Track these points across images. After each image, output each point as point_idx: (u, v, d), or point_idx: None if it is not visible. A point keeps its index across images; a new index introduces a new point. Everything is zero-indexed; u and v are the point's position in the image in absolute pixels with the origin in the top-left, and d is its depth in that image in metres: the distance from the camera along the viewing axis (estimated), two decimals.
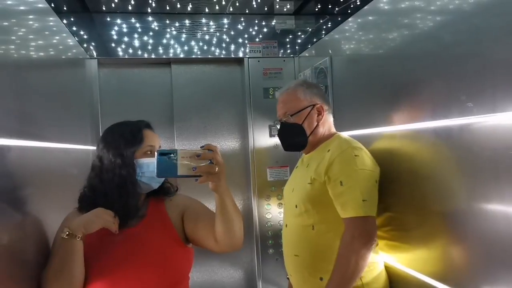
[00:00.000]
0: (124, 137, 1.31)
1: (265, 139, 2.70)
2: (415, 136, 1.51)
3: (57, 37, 1.85)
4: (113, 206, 1.26)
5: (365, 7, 1.86)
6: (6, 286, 1.03)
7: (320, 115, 1.74)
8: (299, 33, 2.79)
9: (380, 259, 1.65)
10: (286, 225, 1.76)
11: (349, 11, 2.10)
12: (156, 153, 1.12)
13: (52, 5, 1.74)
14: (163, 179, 1.34)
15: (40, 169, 1.40)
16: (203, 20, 2.67)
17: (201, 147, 1.14)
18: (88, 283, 1.22)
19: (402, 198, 1.59)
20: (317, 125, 1.73)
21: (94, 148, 1.38)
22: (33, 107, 1.41)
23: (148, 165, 1.29)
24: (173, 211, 1.39)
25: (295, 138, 1.75)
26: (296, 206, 1.69)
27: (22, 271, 1.14)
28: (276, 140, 2.70)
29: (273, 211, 2.67)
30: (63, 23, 2.25)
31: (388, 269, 1.67)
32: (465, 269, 1.29)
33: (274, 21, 2.75)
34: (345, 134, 1.78)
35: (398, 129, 1.60)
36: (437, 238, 1.40)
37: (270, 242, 2.65)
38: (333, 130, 1.80)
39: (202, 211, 1.40)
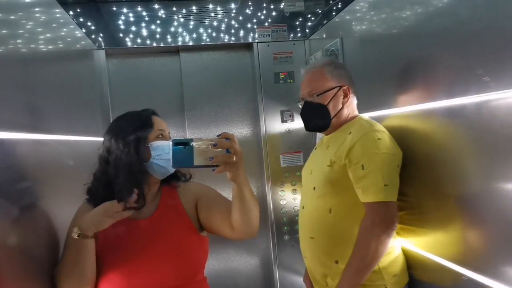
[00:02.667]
0: (134, 124, 1.29)
1: (277, 124, 2.67)
2: (430, 116, 1.47)
3: (64, 29, 1.84)
4: (124, 194, 1.22)
5: None
6: (18, 281, 1.03)
7: (346, 97, 1.70)
8: (309, 15, 2.73)
9: (397, 243, 1.62)
10: (303, 207, 1.74)
11: None
12: (170, 143, 1.08)
13: None
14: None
15: (52, 162, 1.40)
16: (210, 6, 2.62)
17: (217, 136, 1.10)
18: (103, 274, 1.22)
19: (418, 181, 1.55)
20: (342, 107, 1.69)
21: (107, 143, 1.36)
22: (43, 100, 1.40)
23: (163, 148, 1.27)
24: (187, 199, 1.38)
25: (318, 119, 1.70)
26: (314, 189, 1.66)
27: (33, 266, 1.14)
28: (288, 126, 2.66)
29: (287, 197, 2.65)
30: (70, 14, 2.24)
31: (405, 253, 1.64)
32: (484, 252, 1.25)
33: (283, 4, 2.70)
34: (367, 116, 1.74)
35: (413, 109, 1.56)
36: (455, 221, 1.37)
37: (285, 228, 2.64)
38: (356, 112, 1.76)
39: (217, 198, 1.38)
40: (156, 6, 2.55)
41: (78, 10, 2.42)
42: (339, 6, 2.60)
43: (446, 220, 1.42)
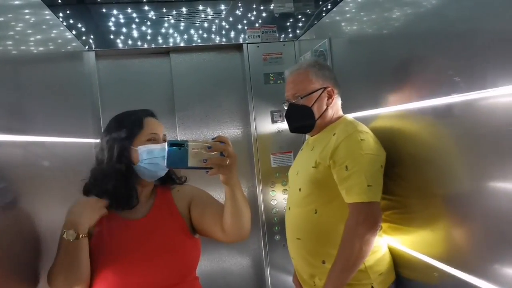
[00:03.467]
0: (123, 126, 1.30)
1: (267, 125, 2.69)
2: (416, 116, 1.48)
3: (54, 31, 1.83)
4: (114, 195, 1.26)
5: None
6: (3, 283, 1.03)
7: (330, 98, 1.72)
8: (299, 16, 2.75)
9: (383, 242, 1.64)
10: (289, 208, 1.75)
11: None
12: (166, 143, 1.11)
13: None
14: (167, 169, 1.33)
15: (42, 164, 1.40)
16: (201, 7, 2.63)
17: (212, 139, 1.12)
18: (98, 273, 1.22)
19: (405, 180, 1.57)
20: (326, 108, 1.71)
21: (96, 141, 1.38)
22: (32, 101, 1.40)
23: (149, 152, 1.27)
24: (181, 201, 1.38)
25: (303, 121, 1.71)
26: (299, 190, 1.68)
27: (22, 268, 1.14)
28: (279, 126, 2.68)
29: (278, 198, 2.66)
30: (59, 16, 2.23)
31: (392, 251, 1.66)
32: (469, 250, 1.27)
33: (273, 5, 2.71)
34: (351, 117, 1.76)
35: (400, 109, 1.58)
36: (441, 220, 1.39)
37: (276, 228, 2.65)
38: (340, 113, 1.77)
39: (209, 201, 1.39)
40: (146, 7, 2.56)
41: (68, 12, 2.42)
42: (329, 7, 2.63)
43: (432, 219, 1.44)
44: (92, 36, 2.48)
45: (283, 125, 2.68)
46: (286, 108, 1.79)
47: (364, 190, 1.48)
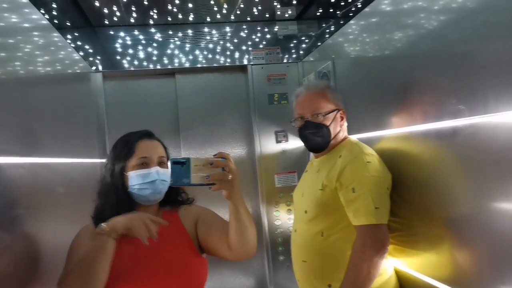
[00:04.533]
0: (117, 152, 1.33)
1: (271, 145, 2.70)
2: (420, 138, 1.49)
3: (62, 52, 1.87)
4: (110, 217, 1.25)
5: (366, 9, 1.86)
6: None
7: (343, 120, 1.74)
8: (302, 38, 2.79)
9: (389, 264, 1.63)
10: (296, 230, 1.75)
11: (350, 14, 2.10)
12: (169, 161, 1.13)
13: (55, 21, 1.76)
14: (162, 190, 1.33)
15: (48, 185, 1.41)
16: (206, 29, 2.68)
17: (214, 156, 1.14)
18: None
19: (408, 202, 1.57)
20: (339, 130, 1.73)
21: (101, 161, 1.39)
22: (39, 122, 1.42)
23: (137, 178, 1.28)
24: (188, 221, 1.39)
25: (320, 139, 1.70)
26: (305, 212, 1.67)
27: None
28: (283, 146, 2.69)
29: (282, 218, 2.65)
30: (67, 38, 2.28)
31: (398, 273, 1.65)
32: (474, 272, 1.26)
33: (277, 27, 2.76)
34: (355, 138, 1.77)
35: (404, 131, 1.59)
36: (445, 242, 1.38)
37: (280, 249, 2.63)
38: (346, 134, 1.79)
39: (215, 219, 1.39)
40: (153, 30, 2.61)
41: (76, 34, 2.47)
42: (332, 29, 2.67)
43: (436, 241, 1.43)
44: (99, 57, 2.53)
45: (288, 145, 2.69)
46: (294, 126, 1.79)
47: (372, 212, 1.48)
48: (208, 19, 2.64)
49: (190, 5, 2.43)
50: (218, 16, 2.61)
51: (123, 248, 1.26)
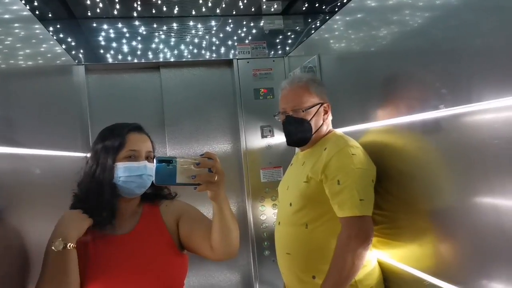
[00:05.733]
0: (106, 142, 1.30)
1: (257, 140, 2.69)
2: (404, 131, 1.51)
3: (44, 45, 1.83)
4: (96, 210, 1.24)
5: (351, 4, 1.87)
6: None
7: (326, 113, 1.74)
8: (288, 33, 2.78)
9: (372, 256, 1.65)
10: (279, 223, 1.75)
11: (336, 9, 2.10)
12: (154, 160, 1.11)
13: (37, 12, 1.72)
14: (147, 185, 1.32)
15: (29, 176, 1.38)
16: (191, 23, 2.66)
17: (200, 155, 1.12)
18: None
19: (393, 195, 1.59)
20: (322, 123, 1.73)
21: (84, 155, 1.37)
22: (21, 115, 1.39)
23: (125, 170, 1.27)
24: (169, 217, 1.37)
25: (301, 134, 1.71)
26: (290, 204, 1.68)
27: (10, 282, 1.12)
28: (268, 141, 2.69)
29: (267, 213, 2.66)
30: (49, 30, 2.23)
31: (381, 265, 1.67)
32: (457, 263, 1.29)
33: (263, 21, 2.75)
34: (340, 131, 1.78)
35: (388, 124, 1.60)
36: (428, 234, 1.41)
37: (265, 243, 2.64)
38: (330, 127, 1.79)
39: (198, 217, 1.38)
40: (137, 22, 2.57)
41: (58, 26, 2.42)
42: (317, 24, 2.67)
43: (420, 233, 1.45)
44: (82, 51, 2.48)
45: (273, 140, 2.70)
46: (278, 120, 1.79)
47: (356, 204, 1.49)
48: (194, 13, 2.61)
49: None
50: (204, 10, 2.59)
51: (100, 245, 1.26)
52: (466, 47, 1.18)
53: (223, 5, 2.54)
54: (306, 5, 2.66)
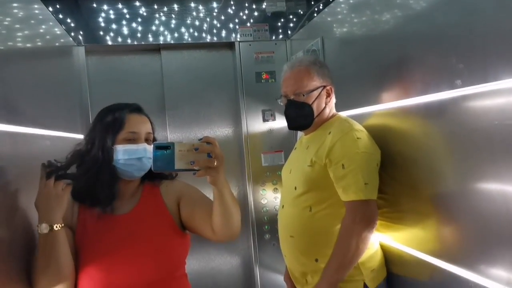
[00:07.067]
0: (105, 124, 1.28)
1: (258, 124, 2.68)
2: (408, 114, 1.50)
3: (43, 26, 1.80)
4: (96, 192, 1.23)
5: None
6: None
7: (329, 97, 1.72)
8: (291, 16, 2.75)
9: (375, 239, 1.65)
10: (283, 206, 1.75)
11: None
12: (152, 146, 1.09)
13: None
14: (147, 168, 1.30)
15: (27, 156, 1.37)
16: (192, 5, 2.62)
17: (199, 140, 1.10)
18: (82, 269, 1.20)
19: (396, 179, 1.59)
20: (325, 107, 1.71)
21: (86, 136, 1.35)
22: (20, 96, 1.37)
23: (124, 153, 1.25)
24: (169, 197, 1.37)
25: (302, 119, 1.70)
26: (295, 188, 1.67)
27: (11, 264, 1.11)
28: (270, 125, 2.68)
29: (268, 197, 2.66)
30: (49, 10, 2.20)
31: (384, 248, 1.68)
32: (460, 246, 1.29)
33: (265, 4, 2.71)
34: (344, 115, 1.77)
35: (391, 107, 1.59)
36: (431, 218, 1.41)
37: (266, 227, 2.65)
38: (334, 111, 1.78)
39: (199, 199, 1.37)
40: (137, 3, 2.54)
41: (58, 6, 2.39)
42: (320, 7, 2.64)
43: (422, 216, 1.46)
44: (81, 32, 2.45)
45: (275, 124, 2.68)
46: (281, 103, 1.78)
47: (361, 188, 1.49)
48: None
49: None
50: None
51: (99, 224, 1.25)
52: (469, 30, 1.17)
53: None
54: None
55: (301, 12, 2.72)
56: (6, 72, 1.28)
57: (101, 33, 2.49)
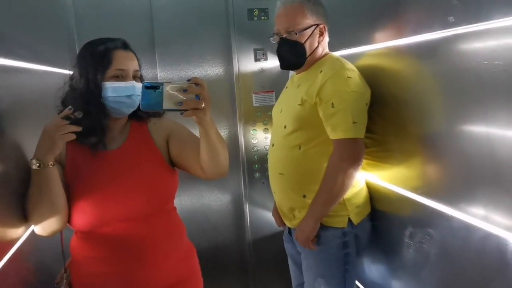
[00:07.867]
0: (91, 60, 1.26)
1: (250, 63, 2.64)
2: (399, 54, 1.50)
3: None
4: (86, 129, 1.22)
5: None
6: None
7: (322, 35, 1.69)
8: None
9: (361, 177, 1.71)
10: (273, 145, 1.78)
11: None
12: (141, 85, 1.11)
13: None
14: (136, 105, 1.30)
15: (16, 89, 1.35)
16: None
17: (187, 80, 1.11)
18: (74, 205, 1.23)
19: (385, 119, 1.62)
20: (317, 46, 1.69)
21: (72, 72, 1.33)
22: (5, 29, 1.32)
23: (113, 90, 1.24)
24: (158, 134, 1.38)
25: (294, 57, 1.68)
26: (285, 127, 1.69)
27: (6, 197, 1.14)
28: (262, 65, 2.65)
29: (259, 136, 2.69)
30: None
31: (369, 185, 1.74)
32: (443, 183, 1.35)
33: None
34: (336, 54, 1.75)
35: (384, 47, 1.58)
36: (417, 157, 1.45)
37: (256, 166, 2.70)
38: (327, 50, 1.76)
39: (188, 137, 1.39)
40: None
41: None
42: None
43: (409, 155, 1.50)
44: None
45: (266, 64, 2.65)
46: (273, 42, 1.75)
47: (350, 127, 1.51)
48: None
49: None
50: None
51: (89, 160, 1.27)
52: None
53: None
54: None
55: None
56: None
57: None
